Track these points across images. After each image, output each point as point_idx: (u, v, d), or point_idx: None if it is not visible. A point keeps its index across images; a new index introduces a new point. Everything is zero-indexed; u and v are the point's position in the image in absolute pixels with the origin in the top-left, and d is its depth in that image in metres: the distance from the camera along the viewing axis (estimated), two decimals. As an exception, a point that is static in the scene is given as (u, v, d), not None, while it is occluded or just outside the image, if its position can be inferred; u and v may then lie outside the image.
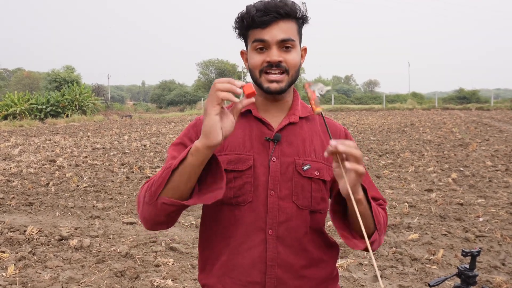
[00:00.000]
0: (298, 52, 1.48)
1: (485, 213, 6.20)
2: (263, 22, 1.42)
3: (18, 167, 10.58)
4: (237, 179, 1.49)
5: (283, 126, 1.53)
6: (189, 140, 1.55)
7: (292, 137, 1.53)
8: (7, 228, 5.75)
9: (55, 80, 40.89)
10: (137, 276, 4.32)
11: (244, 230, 1.49)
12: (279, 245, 1.48)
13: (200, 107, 47.47)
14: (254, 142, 1.52)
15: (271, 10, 1.42)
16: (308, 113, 1.59)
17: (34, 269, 4.49)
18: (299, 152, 1.52)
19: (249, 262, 1.48)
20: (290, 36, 1.44)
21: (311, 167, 1.51)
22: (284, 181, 1.49)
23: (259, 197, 1.48)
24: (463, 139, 14.77)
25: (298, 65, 1.49)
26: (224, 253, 1.52)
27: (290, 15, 1.45)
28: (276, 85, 1.46)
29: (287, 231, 1.48)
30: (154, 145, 14.86)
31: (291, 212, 1.49)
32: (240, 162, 1.49)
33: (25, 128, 24.42)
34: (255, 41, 1.45)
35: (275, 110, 1.57)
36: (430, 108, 38.68)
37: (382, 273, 4.29)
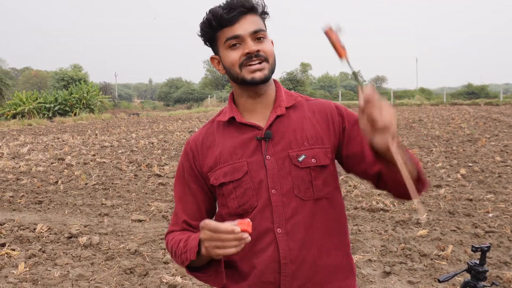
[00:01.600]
0: (270, 42, 1.50)
1: (494, 208, 6.17)
2: (232, 18, 1.43)
3: (27, 165, 10.66)
4: (237, 188, 1.49)
5: (271, 121, 1.51)
6: (188, 173, 1.61)
7: (282, 129, 1.52)
8: (17, 226, 5.80)
9: (63, 78, 41.10)
10: (146, 273, 4.34)
11: (254, 234, 1.48)
12: (290, 241, 1.48)
13: (207, 104, 47.53)
14: (245, 148, 1.51)
15: (236, 5, 1.44)
16: (294, 101, 1.57)
17: (44, 266, 4.53)
18: (292, 143, 1.50)
19: (262, 264, 1.49)
20: (261, 27, 1.47)
21: (307, 156, 1.49)
22: (283, 177, 1.48)
23: (262, 199, 1.48)
24: (472, 134, 14.68)
25: (274, 53, 1.50)
26: (237, 259, 1.53)
27: (254, 9, 1.46)
28: (260, 74, 1.45)
29: (295, 225, 1.48)
30: (162, 143, 14.90)
31: (296, 206, 1.48)
32: (235, 171, 1.50)
33: (33, 127, 24.59)
34: (228, 39, 1.45)
35: (260, 106, 1.55)
36: (438, 103, 38.45)
37: (391, 269, 4.28)
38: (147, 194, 7.61)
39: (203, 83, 64.07)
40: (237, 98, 1.58)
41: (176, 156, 11.83)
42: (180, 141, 15.12)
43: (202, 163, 1.57)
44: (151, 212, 6.49)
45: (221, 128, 1.58)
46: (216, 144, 1.56)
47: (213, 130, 1.60)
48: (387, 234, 5.26)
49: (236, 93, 1.57)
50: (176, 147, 13.54)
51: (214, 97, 52.25)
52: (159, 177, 8.94)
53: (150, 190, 7.87)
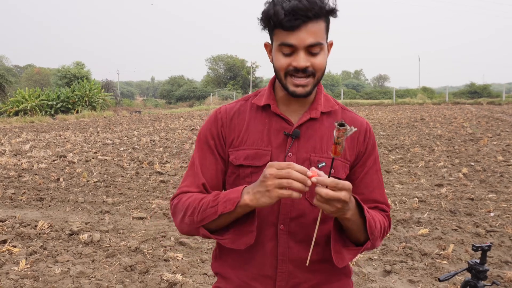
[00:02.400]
0: (325, 53, 1.44)
1: (496, 208, 6.15)
2: (291, 27, 1.35)
3: (29, 162, 10.67)
4: (254, 175, 1.49)
5: (303, 121, 1.51)
6: (212, 139, 1.56)
7: (311, 132, 1.52)
8: (19, 223, 5.81)
9: (65, 76, 41.15)
10: (147, 271, 4.34)
11: (258, 224, 1.49)
12: (290, 240, 1.49)
13: (209, 102, 47.53)
14: (272, 137, 1.52)
15: (300, 13, 1.34)
16: (331, 108, 1.57)
17: (45, 263, 4.53)
18: (316, 149, 1.51)
19: (261, 256, 1.51)
20: (318, 40, 1.39)
21: (326, 165, 1.49)
22: None
23: None
24: (474, 133, 14.65)
25: (325, 67, 1.46)
26: None
27: (319, 15, 1.37)
28: (302, 90, 1.43)
29: (299, 226, 1.49)
30: (164, 141, 14.91)
31: (303, 208, 1.49)
32: (257, 158, 1.50)
33: (35, 124, 24.62)
34: (281, 45, 1.40)
35: (297, 105, 1.54)
36: (440, 102, 38.39)
37: (392, 268, 4.28)
38: (148, 191, 7.62)
39: (205, 81, 64.12)
40: (277, 88, 1.56)
41: (177, 153, 11.83)
42: (181, 139, 15.13)
43: (228, 136, 1.56)
44: (152, 209, 6.49)
45: (254, 110, 1.57)
46: (246, 124, 1.55)
47: (246, 109, 1.59)
48: (388, 233, 5.25)
49: (277, 84, 1.55)
50: (177, 145, 13.55)
51: (216, 95, 52.26)
52: (160, 175, 8.94)
53: (152, 187, 7.87)
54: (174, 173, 9.03)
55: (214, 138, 1.56)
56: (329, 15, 1.43)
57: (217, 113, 1.61)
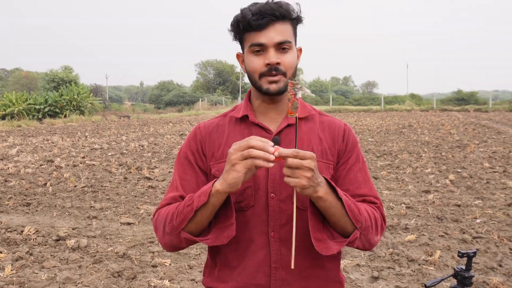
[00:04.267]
0: (294, 52, 1.50)
1: (482, 214, 6.21)
2: (259, 25, 1.43)
3: (15, 167, 10.56)
4: None
5: (281, 128, 1.54)
6: (192, 154, 1.59)
7: (290, 138, 1.54)
8: (5, 228, 5.75)
9: (53, 80, 40.88)
10: (134, 277, 4.31)
11: (248, 234, 1.51)
12: (282, 247, 1.50)
13: (199, 107, 47.45)
14: None
15: (266, 13, 1.43)
16: (308, 113, 1.60)
17: (31, 269, 4.48)
18: None
19: (254, 265, 1.51)
20: (287, 38, 1.46)
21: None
22: (284, 183, 1.48)
23: (260, 201, 1.50)
24: (461, 140, 14.79)
25: (295, 66, 1.51)
26: (233, 258, 1.54)
27: (285, 16, 1.46)
28: (275, 86, 1.47)
29: (290, 232, 1.48)
30: (152, 146, 14.85)
31: (292, 213, 1.47)
32: None
33: (23, 128, 24.39)
34: (252, 45, 1.46)
35: (274, 112, 1.58)
36: (428, 109, 38.70)
37: (379, 274, 4.30)
38: (137, 197, 7.58)
39: (194, 86, 64.01)
40: (253, 98, 1.61)
41: (166, 159, 11.79)
42: (170, 144, 15.08)
43: (208, 149, 1.59)
44: (140, 215, 6.46)
45: (232, 123, 1.61)
46: (226, 137, 1.58)
47: (225, 123, 1.63)
48: (375, 239, 5.27)
49: (253, 94, 1.61)
50: (166, 150, 13.50)
51: (205, 100, 52.20)
52: (148, 180, 8.90)
53: (140, 193, 7.83)
54: (163, 179, 9.00)
55: (194, 153, 1.60)
56: (295, 20, 1.51)
57: (196, 129, 1.65)
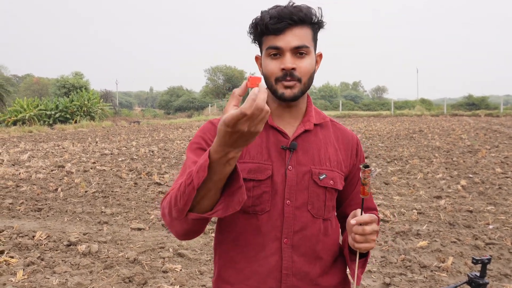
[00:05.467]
0: (312, 58, 1.47)
1: (495, 220, 6.15)
2: (277, 29, 1.41)
3: (27, 172, 10.65)
4: (255, 188, 1.49)
5: (298, 134, 1.52)
6: (206, 143, 1.50)
7: (307, 145, 1.53)
8: (16, 233, 5.78)
9: (64, 86, 41.20)
10: (145, 282, 4.32)
11: (261, 239, 1.50)
12: (294, 254, 1.49)
13: (208, 113, 47.57)
14: (271, 151, 1.51)
15: (285, 17, 1.41)
16: (322, 120, 1.60)
17: (43, 274, 4.50)
18: (315, 161, 1.52)
19: (265, 270, 1.49)
20: (304, 43, 1.43)
21: (327, 177, 1.52)
22: (300, 190, 1.49)
23: (276, 206, 1.49)
24: (472, 145, 14.68)
25: (312, 72, 1.48)
26: (240, 261, 1.52)
27: (304, 21, 1.44)
28: (290, 92, 1.45)
29: (302, 240, 1.50)
30: (162, 151, 14.89)
31: (306, 221, 1.50)
32: (259, 172, 1.49)
33: (34, 134, 24.59)
34: (269, 48, 1.44)
35: (289, 117, 1.56)
36: (438, 114, 38.48)
37: (391, 281, 4.26)
38: (147, 202, 7.60)
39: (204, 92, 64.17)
40: (269, 101, 1.56)
41: (176, 164, 11.82)
42: (180, 150, 15.12)
43: None
44: (150, 220, 6.47)
45: None
46: None
47: None
48: (387, 245, 5.24)
49: (269, 97, 1.55)
50: (176, 156, 13.54)
51: (215, 106, 52.31)
52: (159, 186, 8.93)
53: (150, 198, 7.85)
54: (173, 184, 9.01)
55: (208, 143, 1.49)
56: (316, 25, 1.48)
57: (210, 123, 1.56)
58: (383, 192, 8.06)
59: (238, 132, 1.08)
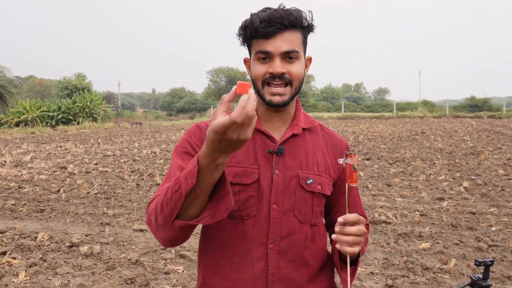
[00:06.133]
0: (302, 63, 1.45)
1: (497, 222, 6.13)
2: (267, 33, 1.39)
3: (29, 173, 10.66)
4: (241, 193, 1.46)
5: (286, 138, 1.50)
6: (192, 147, 1.48)
7: (295, 149, 1.51)
8: (18, 235, 5.79)
9: (67, 87, 41.32)
10: (147, 284, 4.31)
11: (247, 244, 1.46)
12: (281, 260, 1.46)
13: (210, 114, 47.58)
14: (258, 155, 1.49)
15: (275, 21, 1.38)
16: (311, 124, 1.58)
17: (45, 275, 4.51)
18: (302, 165, 1.50)
19: (250, 277, 1.46)
20: (294, 48, 1.41)
21: (314, 181, 1.49)
22: (287, 195, 1.47)
23: (262, 211, 1.46)
24: (474, 147, 14.65)
25: (302, 76, 1.46)
26: (225, 267, 1.49)
27: (295, 25, 1.41)
28: (279, 98, 1.42)
29: (289, 245, 1.47)
30: (164, 152, 14.91)
31: (293, 226, 1.47)
32: (246, 176, 1.46)
33: (36, 135, 24.64)
34: (258, 52, 1.42)
35: (278, 120, 1.53)
36: (441, 116, 38.45)
37: (393, 282, 4.25)
38: (149, 203, 7.59)
39: (206, 93, 64.30)
40: (257, 104, 1.51)
41: (178, 166, 11.81)
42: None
43: None
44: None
45: None
46: None
47: None
48: (389, 247, 5.23)
49: (258, 100, 1.50)
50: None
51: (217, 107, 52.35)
52: (161, 187, 8.92)
53: (152, 199, 7.85)
54: (175, 185, 9.01)
55: (194, 147, 1.48)
56: (306, 29, 1.46)
57: (197, 127, 1.55)
58: (385, 194, 8.04)
59: (228, 139, 1.07)
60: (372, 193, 8.09)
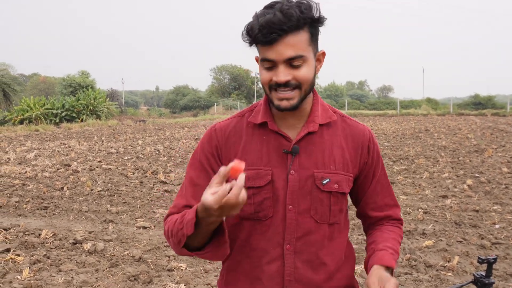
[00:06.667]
0: (310, 65, 1.38)
1: (501, 220, 6.12)
2: (267, 41, 1.32)
3: (33, 171, 10.70)
4: (256, 195, 1.46)
5: (301, 136, 1.46)
6: (207, 159, 1.53)
7: (311, 147, 1.47)
8: (22, 232, 5.81)
9: (70, 85, 41.33)
10: (150, 281, 4.33)
11: (264, 244, 1.48)
12: (297, 260, 1.47)
13: (214, 112, 47.64)
14: (271, 155, 1.47)
15: (274, 27, 1.29)
16: (329, 119, 1.51)
17: (49, 272, 4.53)
18: (318, 164, 1.46)
19: (267, 276, 1.48)
20: (299, 53, 1.33)
21: (331, 181, 1.46)
22: (303, 195, 1.45)
23: (278, 212, 1.46)
24: (478, 145, 14.61)
25: (311, 78, 1.40)
26: (245, 265, 1.52)
27: (298, 26, 1.32)
28: (287, 103, 1.38)
29: (305, 246, 1.46)
30: (168, 150, 14.92)
31: (309, 227, 1.46)
32: (259, 178, 1.46)
33: (40, 133, 24.71)
34: (262, 60, 1.38)
35: (293, 118, 1.48)
36: (445, 113, 38.32)
37: (396, 280, 4.24)
38: (152, 201, 7.62)
39: (209, 91, 64.26)
40: (270, 105, 1.51)
41: (181, 163, 11.84)
42: (186, 149, 15.14)
43: (225, 155, 1.51)
44: (156, 219, 6.49)
45: (250, 128, 1.52)
46: (243, 143, 1.50)
47: (242, 126, 1.53)
48: (392, 244, 5.21)
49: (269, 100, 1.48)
50: (182, 155, 13.56)
51: (221, 105, 52.36)
52: (164, 184, 8.95)
53: (155, 197, 7.87)
54: (178, 183, 9.04)
55: (208, 157, 1.53)
56: (313, 24, 1.37)
57: (211, 131, 1.56)
58: (388, 191, 8.03)
59: (213, 215, 1.24)
60: (375, 190, 8.07)
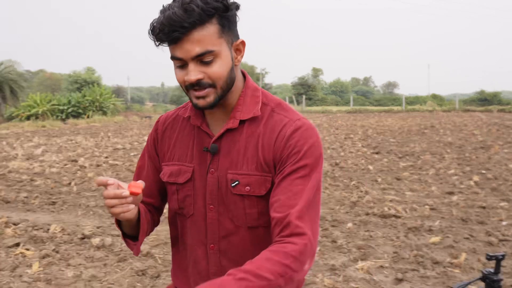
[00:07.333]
0: (223, 59, 1.28)
1: (508, 216, 6.11)
2: (172, 40, 1.24)
3: (41, 166, 10.76)
4: (179, 191, 1.44)
5: (221, 133, 1.37)
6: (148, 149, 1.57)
7: (230, 145, 1.37)
8: (31, 226, 5.86)
9: (76, 81, 41.47)
10: (158, 275, 4.36)
11: (190, 241, 1.47)
12: (223, 259, 1.42)
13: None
14: (195, 152, 1.42)
15: (175, 25, 1.20)
16: (252, 114, 1.36)
17: (58, 266, 4.57)
18: (232, 164, 1.36)
19: (196, 275, 1.48)
20: (207, 48, 1.24)
21: (240, 183, 1.34)
22: (221, 196, 1.38)
23: (199, 211, 1.42)
24: (484, 141, 14.56)
25: (226, 73, 1.30)
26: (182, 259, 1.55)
27: (202, 19, 1.21)
28: (203, 102, 1.30)
29: (229, 245, 1.41)
30: (174, 146, 14.95)
31: (229, 228, 1.40)
32: (180, 175, 1.43)
33: (47, 129, 24.81)
34: (172, 58, 1.30)
35: (219, 112, 1.39)
36: (450, 110, 38.19)
37: (403, 276, 4.26)
38: (159, 196, 7.64)
39: (214, 87, 64.34)
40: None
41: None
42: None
43: (160, 149, 1.52)
44: (163, 214, 6.51)
45: (183, 122, 1.48)
46: (175, 138, 1.48)
47: (179, 118, 1.50)
48: (399, 240, 5.23)
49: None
50: (187, 151, 13.59)
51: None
52: (171, 180, 8.98)
53: (162, 192, 7.90)
54: (185, 179, 9.06)
55: (149, 149, 1.55)
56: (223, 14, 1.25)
57: (157, 122, 1.55)
58: (394, 187, 8.04)
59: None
60: (381, 187, 8.08)
